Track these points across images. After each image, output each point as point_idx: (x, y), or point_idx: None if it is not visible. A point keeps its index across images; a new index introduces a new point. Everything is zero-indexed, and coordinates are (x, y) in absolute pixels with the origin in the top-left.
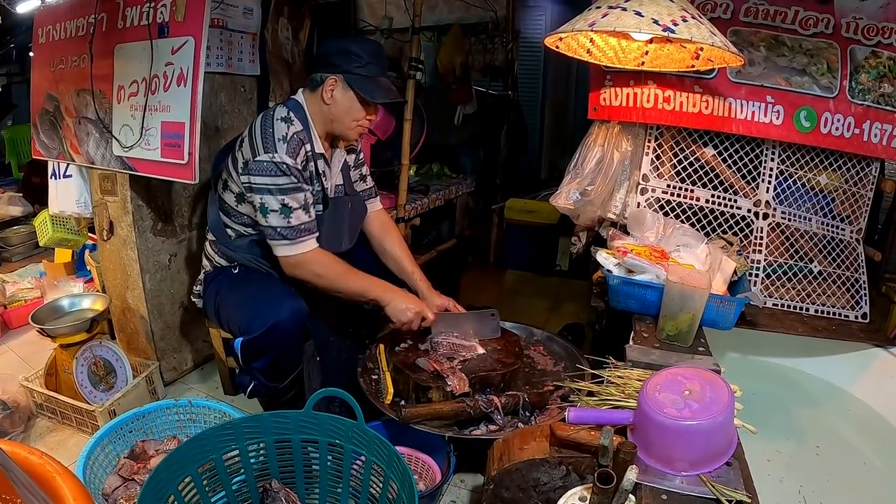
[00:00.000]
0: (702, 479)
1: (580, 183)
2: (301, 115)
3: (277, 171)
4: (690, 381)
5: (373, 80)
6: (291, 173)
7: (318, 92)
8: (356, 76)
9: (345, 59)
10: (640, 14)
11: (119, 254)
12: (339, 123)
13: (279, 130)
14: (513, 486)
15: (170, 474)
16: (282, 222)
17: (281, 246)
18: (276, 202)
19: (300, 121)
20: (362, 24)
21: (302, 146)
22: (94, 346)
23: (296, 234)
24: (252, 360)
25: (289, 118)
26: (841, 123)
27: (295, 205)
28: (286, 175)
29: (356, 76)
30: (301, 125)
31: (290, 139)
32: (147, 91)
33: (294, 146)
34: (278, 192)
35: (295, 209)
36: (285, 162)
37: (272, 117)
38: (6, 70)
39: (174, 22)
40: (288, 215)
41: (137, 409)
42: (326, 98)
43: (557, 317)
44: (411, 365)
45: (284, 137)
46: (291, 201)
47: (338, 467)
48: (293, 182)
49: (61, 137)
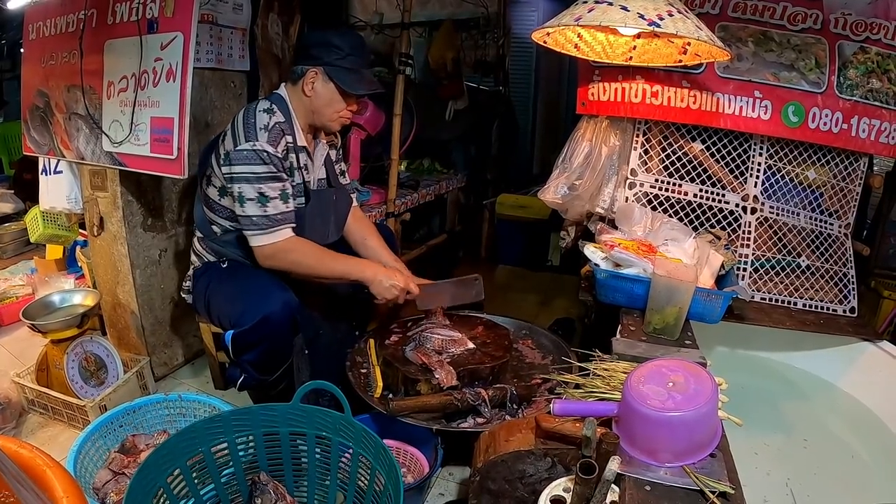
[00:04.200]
0: (686, 471)
1: (568, 177)
2: (283, 107)
3: (258, 158)
4: (675, 373)
5: (353, 71)
6: (271, 161)
7: (300, 84)
8: (336, 68)
9: (325, 51)
10: (626, 9)
11: (109, 249)
12: (319, 115)
13: (261, 120)
14: (499, 478)
15: (159, 467)
16: (258, 211)
17: (255, 235)
18: (254, 191)
19: (282, 112)
20: (353, 20)
21: (283, 136)
22: (84, 341)
23: (271, 224)
24: (242, 352)
25: (271, 109)
26: (829, 118)
27: (272, 194)
28: (265, 164)
29: (336, 68)
30: (283, 116)
31: (272, 128)
32: (136, 87)
33: (275, 135)
34: (256, 180)
35: (272, 198)
36: (266, 150)
37: (254, 109)
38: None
39: (163, 17)
40: (265, 204)
41: (128, 404)
42: (307, 90)
43: (548, 311)
44: (400, 358)
45: (266, 126)
46: (269, 190)
47: (326, 460)
48: (272, 171)
49: (52, 133)
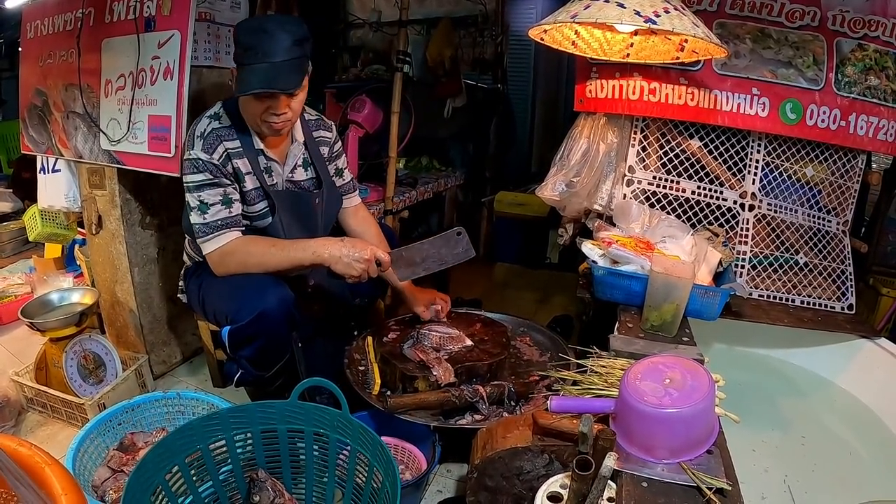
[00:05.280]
0: (682, 467)
1: (566, 174)
2: (236, 111)
3: (193, 167)
4: (671, 370)
5: (248, 69)
6: (207, 169)
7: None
8: (240, 66)
9: (237, 51)
10: (623, 5)
11: (108, 248)
12: (247, 120)
13: (200, 127)
14: (496, 475)
15: (157, 464)
16: (199, 219)
17: (202, 243)
18: (195, 199)
19: (231, 117)
20: (351, 18)
21: (220, 142)
22: (83, 339)
23: (210, 231)
24: (239, 348)
25: (218, 114)
26: (827, 115)
27: (211, 200)
28: (201, 172)
29: (240, 66)
30: (229, 121)
31: (208, 135)
32: (134, 85)
33: (211, 142)
34: (195, 188)
35: (211, 205)
36: (200, 158)
37: (203, 115)
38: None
39: (161, 16)
40: (204, 212)
41: (127, 402)
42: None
43: (547, 309)
44: (398, 355)
45: (202, 134)
46: (208, 197)
47: (323, 457)
48: (208, 178)
49: (50, 132)
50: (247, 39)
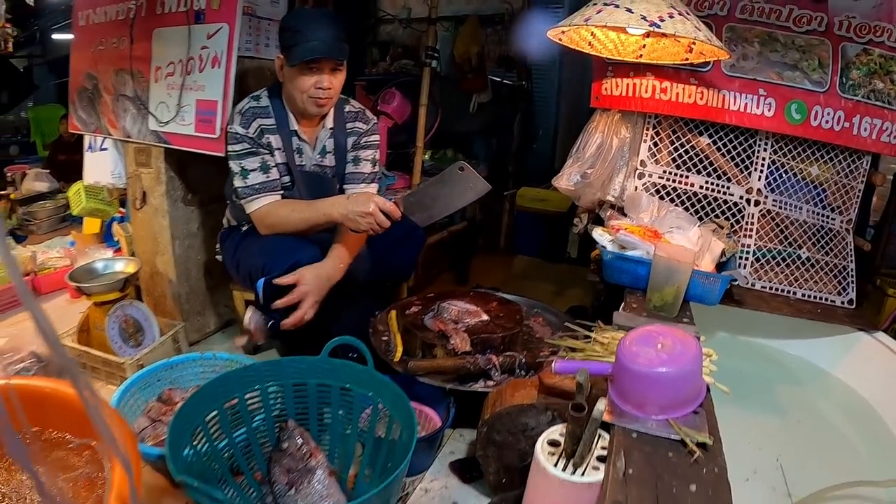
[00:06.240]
0: (670, 423)
1: (581, 166)
2: (277, 95)
3: (233, 139)
4: (664, 337)
5: (299, 45)
6: (244, 139)
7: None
8: (289, 47)
9: (283, 35)
10: (631, 11)
11: (151, 222)
12: (293, 99)
13: (240, 105)
14: (503, 430)
15: (198, 408)
16: (241, 183)
17: (246, 203)
18: (237, 166)
19: (270, 100)
20: (381, 13)
21: (255, 118)
22: (125, 305)
23: (252, 193)
24: (272, 298)
25: (258, 96)
26: (831, 117)
27: (251, 167)
28: (239, 142)
29: (289, 47)
30: (267, 102)
31: (245, 112)
32: (183, 72)
33: (248, 118)
34: (236, 157)
35: (251, 171)
36: (238, 132)
37: (249, 95)
38: (28, 52)
39: (210, 10)
40: (245, 177)
41: (166, 360)
42: (280, 77)
43: (563, 300)
44: (420, 325)
45: (241, 111)
46: (248, 164)
47: (348, 413)
48: (246, 147)
49: (99, 113)
50: (295, 24)
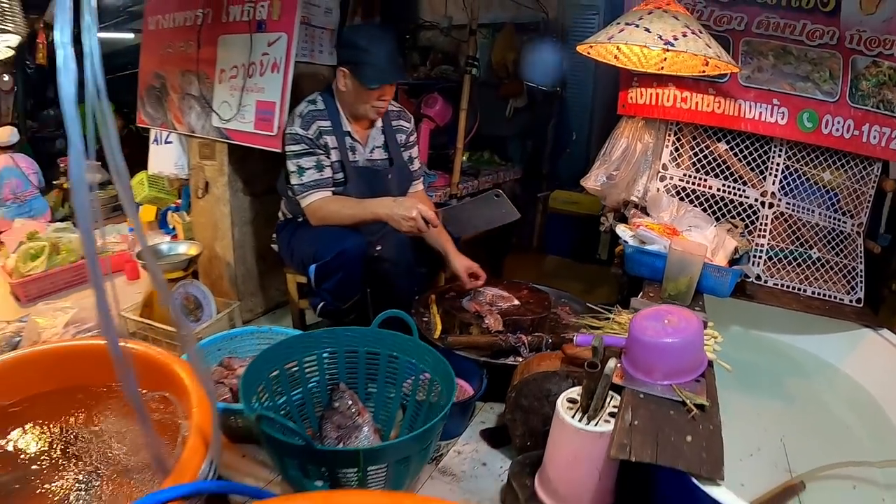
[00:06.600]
0: (673, 388)
1: (607, 168)
2: (330, 99)
3: (292, 140)
4: (671, 315)
5: (369, 66)
6: (303, 141)
7: (336, 82)
8: (356, 65)
9: (348, 51)
10: (649, 30)
11: (212, 209)
12: (354, 107)
13: (300, 109)
14: (530, 395)
15: (263, 366)
16: (297, 180)
17: (301, 199)
18: (294, 165)
19: (325, 103)
20: (422, 20)
21: (315, 121)
22: (186, 284)
23: (305, 189)
24: (323, 281)
25: (314, 100)
26: (841, 125)
27: (306, 165)
28: (298, 143)
29: (356, 65)
30: (323, 105)
31: (305, 115)
32: (245, 75)
33: (307, 121)
34: (294, 156)
35: (306, 169)
36: (298, 133)
37: (304, 100)
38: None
39: (270, 20)
40: (301, 175)
41: (226, 332)
42: (341, 86)
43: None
44: (458, 307)
45: (301, 114)
46: (304, 163)
47: (393, 379)
48: (304, 148)
49: (165, 110)
50: (362, 42)
